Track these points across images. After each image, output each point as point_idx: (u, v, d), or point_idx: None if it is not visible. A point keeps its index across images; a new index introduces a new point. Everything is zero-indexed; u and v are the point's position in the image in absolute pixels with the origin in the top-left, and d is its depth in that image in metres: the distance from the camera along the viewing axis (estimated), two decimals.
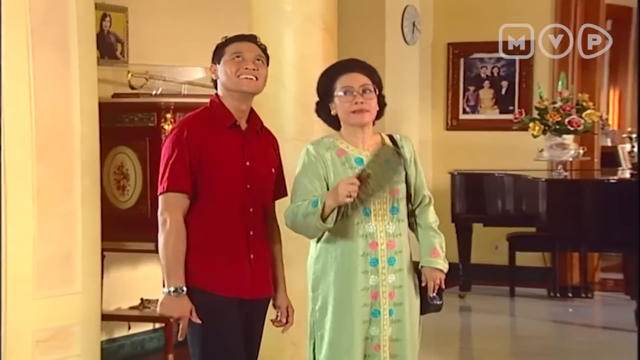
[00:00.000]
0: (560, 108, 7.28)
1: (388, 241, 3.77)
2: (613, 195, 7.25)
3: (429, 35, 8.92)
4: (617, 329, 7.37)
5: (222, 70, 3.64)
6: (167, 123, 6.19)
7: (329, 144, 3.81)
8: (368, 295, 3.74)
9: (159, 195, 3.58)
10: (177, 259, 3.49)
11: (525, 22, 8.07)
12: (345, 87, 3.79)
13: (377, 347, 3.77)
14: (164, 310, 3.53)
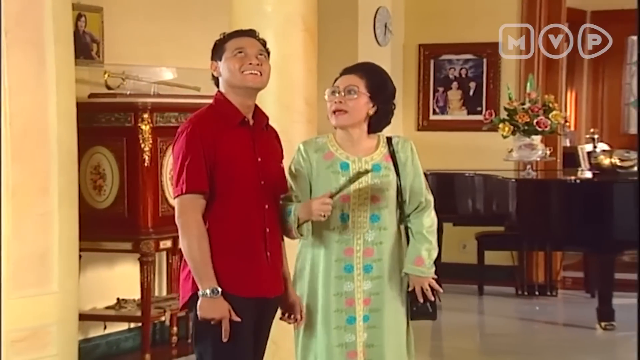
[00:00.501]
0: (529, 109, 7.27)
1: (365, 249, 3.71)
2: (578, 195, 7.28)
3: (400, 36, 8.93)
4: (581, 326, 7.41)
5: (224, 67, 3.54)
6: (144, 123, 6.14)
7: (320, 145, 3.76)
8: (342, 301, 3.68)
9: (175, 197, 3.47)
10: (205, 260, 3.38)
11: (493, 24, 8.07)
12: (332, 88, 3.75)
13: (352, 353, 3.70)
14: (204, 313, 3.37)
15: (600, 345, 7.04)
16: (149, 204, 6.16)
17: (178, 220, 3.46)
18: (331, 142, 3.77)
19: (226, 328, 3.35)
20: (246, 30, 3.67)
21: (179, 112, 6.34)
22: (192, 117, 3.58)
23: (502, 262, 8.68)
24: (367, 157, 3.75)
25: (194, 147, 3.41)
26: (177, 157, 3.46)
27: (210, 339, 3.41)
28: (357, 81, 3.73)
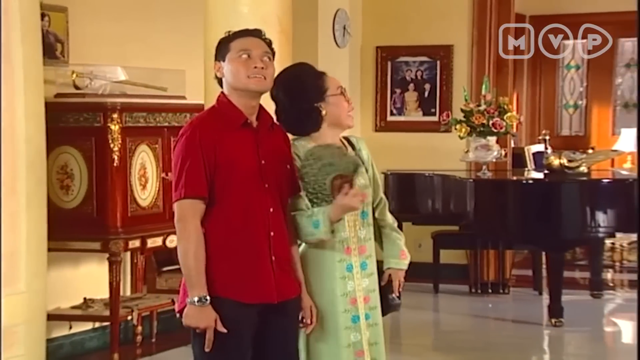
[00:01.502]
0: (485, 111, 7.20)
1: (359, 246, 3.62)
2: (531, 195, 7.28)
3: (358, 38, 8.87)
4: (532, 323, 7.41)
5: (228, 68, 3.34)
6: (113, 123, 6.00)
7: (303, 147, 3.57)
8: (347, 301, 3.57)
9: (174, 202, 3.30)
10: (199, 268, 3.22)
11: (446, 27, 8.00)
12: (339, 87, 3.62)
13: (360, 352, 3.60)
14: (189, 322, 3.22)
15: (551, 342, 7.04)
16: (118, 204, 6.01)
17: (177, 225, 3.30)
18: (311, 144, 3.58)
19: (210, 338, 3.20)
20: (252, 29, 3.47)
21: (147, 112, 6.22)
22: (194, 120, 3.41)
23: (457, 260, 8.67)
24: None
25: (193, 151, 3.25)
26: (177, 161, 3.30)
27: (200, 345, 3.27)
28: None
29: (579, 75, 11.83)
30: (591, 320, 7.61)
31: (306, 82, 3.60)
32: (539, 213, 7.06)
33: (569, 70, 11.83)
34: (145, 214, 6.15)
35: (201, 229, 3.24)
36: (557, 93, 11.84)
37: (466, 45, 8.60)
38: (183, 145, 3.28)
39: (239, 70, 3.30)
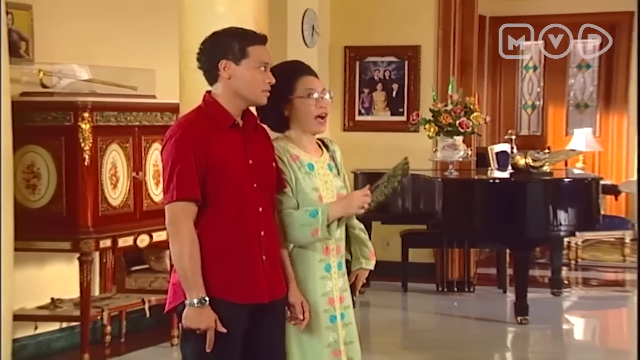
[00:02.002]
0: (452, 111, 7.13)
1: (336, 246, 3.54)
2: (497, 194, 7.22)
3: (326, 38, 8.77)
4: (497, 320, 7.37)
5: (243, 74, 3.24)
6: (84, 122, 5.83)
7: (282, 148, 3.47)
8: (326, 301, 3.50)
9: (166, 204, 3.19)
10: (195, 268, 3.14)
11: (413, 28, 7.93)
12: (309, 90, 3.44)
13: (337, 352, 3.52)
14: (189, 323, 3.15)
15: (517, 339, 7.00)
16: (89, 203, 5.83)
17: (169, 228, 3.20)
18: (290, 145, 3.49)
19: (211, 339, 3.15)
20: (264, 35, 3.36)
21: (118, 111, 6.06)
22: (182, 121, 3.32)
23: (424, 259, 8.62)
24: (321, 158, 3.56)
25: (184, 153, 3.16)
26: (167, 163, 3.20)
27: (194, 346, 3.21)
28: (325, 85, 3.55)
29: (537, 76, 11.84)
30: (553, 318, 7.60)
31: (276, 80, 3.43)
32: (505, 212, 7.02)
33: (528, 71, 11.84)
34: (116, 213, 5.99)
35: (195, 231, 3.16)
36: (516, 93, 11.84)
37: (433, 46, 8.57)
38: (173, 147, 3.18)
39: (257, 82, 3.24)
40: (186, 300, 3.14)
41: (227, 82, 3.25)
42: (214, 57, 3.26)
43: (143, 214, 6.13)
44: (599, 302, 8.31)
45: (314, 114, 3.44)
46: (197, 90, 4.77)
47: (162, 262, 6.67)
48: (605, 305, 8.29)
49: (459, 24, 8.49)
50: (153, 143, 6.22)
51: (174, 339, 6.34)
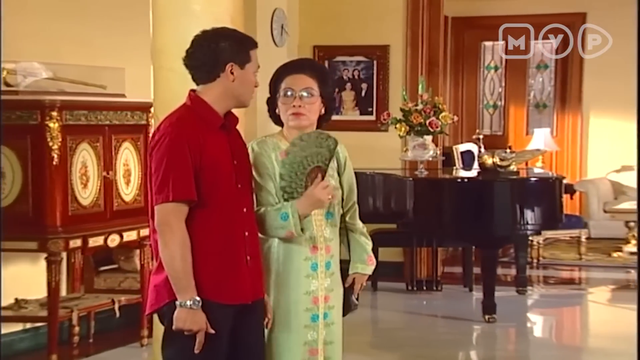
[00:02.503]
0: (422, 110, 7.04)
1: (326, 246, 3.51)
2: (466, 193, 7.16)
3: (295, 37, 8.64)
4: (465, 319, 7.29)
5: (244, 79, 3.21)
6: (52, 121, 5.64)
7: (273, 145, 3.48)
8: (309, 299, 3.47)
9: (158, 204, 3.10)
10: (188, 270, 3.09)
11: (382, 28, 7.83)
12: (286, 89, 3.47)
13: (314, 351, 3.49)
14: (181, 325, 3.09)
15: (484, 337, 6.94)
16: (57, 203, 5.65)
17: (160, 228, 3.11)
18: (282, 142, 3.49)
19: (201, 340, 3.10)
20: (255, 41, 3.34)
21: (88, 110, 5.86)
22: (173, 120, 3.20)
23: (394, 258, 8.52)
24: None
25: (180, 152, 3.09)
26: (160, 163, 3.10)
27: (181, 347, 3.14)
28: (311, 82, 3.48)
29: (498, 77, 11.82)
30: (519, 316, 7.56)
31: (271, 79, 3.54)
32: (474, 211, 6.97)
33: (489, 71, 11.81)
34: (87, 213, 5.80)
35: (187, 232, 3.09)
36: (478, 94, 11.82)
37: (402, 46, 8.49)
38: (168, 147, 3.10)
39: (253, 86, 3.26)
40: (177, 302, 3.08)
41: (228, 83, 3.20)
42: (219, 57, 3.17)
43: (113, 213, 5.96)
44: (560, 300, 8.30)
45: (288, 112, 3.45)
46: (171, 90, 4.68)
47: (131, 262, 6.52)
48: (566, 303, 8.28)
49: (426, 24, 8.43)
50: (123, 142, 6.05)
51: (143, 339, 6.21)
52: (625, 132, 11.23)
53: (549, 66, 11.72)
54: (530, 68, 11.76)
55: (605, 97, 11.28)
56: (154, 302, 3.20)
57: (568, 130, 11.58)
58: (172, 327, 3.10)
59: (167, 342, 3.21)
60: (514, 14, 11.35)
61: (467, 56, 11.60)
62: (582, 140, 11.51)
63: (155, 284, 3.19)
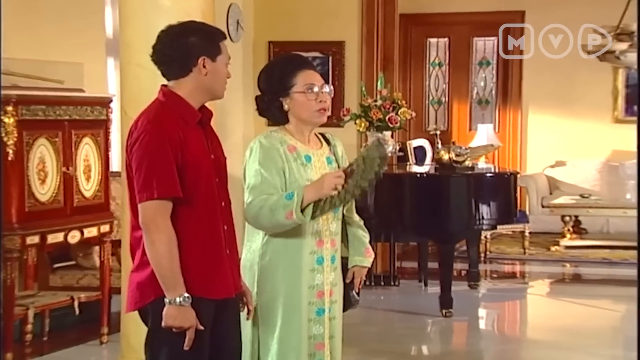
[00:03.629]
0: (382, 106, 7.01)
1: (331, 240, 3.49)
2: (424, 188, 7.17)
3: (250, 33, 8.56)
4: (423, 314, 7.31)
5: (217, 70, 3.15)
6: (7, 116, 5.46)
7: (280, 139, 3.45)
8: (314, 293, 3.46)
9: (142, 202, 3.03)
10: (176, 267, 3.03)
11: (337, 24, 7.79)
12: (309, 85, 3.44)
13: (320, 345, 3.49)
14: (171, 322, 3.03)
15: (443, 331, 6.97)
16: (13, 199, 5.48)
17: (146, 226, 3.04)
18: (287, 136, 3.48)
19: (191, 337, 3.05)
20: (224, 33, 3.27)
21: (46, 105, 5.69)
22: (151, 117, 3.10)
23: None
24: (319, 151, 3.55)
25: (162, 149, 3.02)
26: (142, 160, 3.03)
27: (168, 345, 3.09)
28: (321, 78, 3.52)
29: (442, 73, 11.87)
30: (472, 310, 7.60)
31: (274, 75, 3.48)
32: (433, 206, 6.98)
33: (434, 67, 11.85)
34: (45, 209, 5.64)
35: (173, 229, 3.03)
36: (424, 90, 11.85)
37: (357, 42, 8.45)
38: (149, 144, 3.02)
39: (225, 78, 3.20)
40: (166, 299, 3.02)
41: (201, 77, 3.13)
42: (189, 52, 3.11)
43: (74, 209, 5.80)
44: (508, 294, 8.37)
45: (315, 108, 3.43)
46: (140, 85, 4.60)
47: (90, 259, 6.39)
48: (514, 297, 8.35)
49: (381, 21, 8.41)
50: (84, 137, 5.89)
51: (104, 336, 6.08)
52: (560, 128, 11.45)
53: (491, 63, 11.81)
54: (473, 65, 11.84)
55: (542, 94, 11.44)
56: (137, 299, 3.15)
57: (509, 126, 11.69)
58: (158, 324, 3.04)
59: (153, 340, 3.15)
60: (458, 11, 11.46)
61: (414, 53, 11.62)
62: (522, 136, 11.63)
63: (138, 281, 3.13)
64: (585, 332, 6.70)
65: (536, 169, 11.29)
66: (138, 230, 3.09)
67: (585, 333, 6.67)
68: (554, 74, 11.18)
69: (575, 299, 8.05)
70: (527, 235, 9.83)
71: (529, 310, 8.13)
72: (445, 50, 11.78)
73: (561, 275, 9.22)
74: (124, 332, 4.80)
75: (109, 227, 5.97)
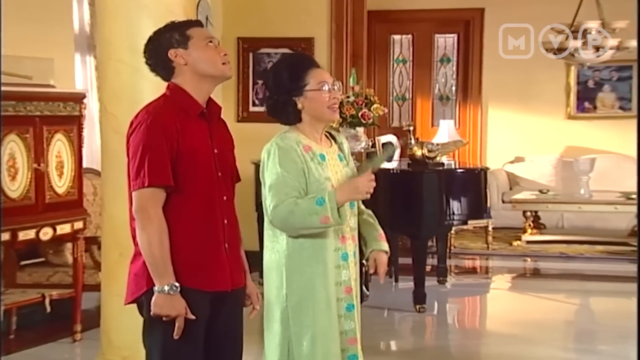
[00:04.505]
0: (354, 102, 6.99)
1: (352, 235, 3.53)
2: (398, 184, 7.16)
3: (219, 29, 8.51)
4: (396, 309, 7.33)
5: (197, 55, 3.17)
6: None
7: (295, 140, 3.45)
8: (342, 289, 3.47)
9: (134, 190, 3.08)
10: (165, 256, 3.07)
11: (307, 20, 7.78)
12: (322, 82, 3.45)
13: (353, 340, 3.50)
14: (159, 311, 3.07)
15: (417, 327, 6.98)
16: None
17: (137, 214, 3.09)
18: (301, 136, 3.48)
19: (180, 325, 3.08)
20: (196, 20, 3.39)
21: (16, 100, 5.58)
22: (150, 109, 3.18)
23: None
24: (330, 149, 3.56)
25: (156, 138, 3.08)
26: (136, 149, 3.09)
27: (161, 334, 3.12)
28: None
29: (406, 70, 11.90)
30: (443, 305, 7.64)
31: (284, 74, 3.47)
32: (407, 202, 6.99)
33: (398, 64, 11.87)
34: (16, 205, 5.54)
35: (164, 218, 3.05)
36: (388, 86, 11.87)
37: (326, 39, 8.45)
38: (144, 133, 3.07)
39: (213, 57, 3.20)
40: (155, 288, 3.06)
41: (185, 68, 3.17)
42: (161, 52, 3.18)
43: (45, 206, 5.71)
44: (475, 289, 8.43)
45: (328, 105, 3.44)
46: (121, 81, 4.55)
47: (61, 256, 6.28)
48: (479, 292, 8.40)
49: (350, 18, 8.43)
50: (56, 133, 5.80)
51: (76, 334, 6.00)
52: (518, 124, 11.56)
53: (451, 60, 11.87)
54: (435, 61, 11.89)
55: (501, 91, 11.55)
56: (133, 290, 3.18)
57: (470, 123, 11.77)
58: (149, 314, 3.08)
59: (148, 330, 3.19)
60: (421, 8, 11.50)
61: (378, 49, 11.64)
62: (482, 132, 11.72)
63: (134, 272, 3.17)
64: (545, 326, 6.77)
65: (496, 164, 11.37)
66: (134, 220, 3.13)
67: (545, 327, 6.75)
68: (512, 71, 11.28)
69: (536, 294, 8.15)
70: (490, 230, 9.90)
71: (494, 305, 8.15)
72: (409, 47, 11.84)
73: (523, 270, 9.33)
74: (104, 329, 4.75)
75: (82, 223, 5.90)
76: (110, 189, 4.69)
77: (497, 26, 10.25)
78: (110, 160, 4.66)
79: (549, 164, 11.26)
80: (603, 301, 8.05)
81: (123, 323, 4.43)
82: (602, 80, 11.45)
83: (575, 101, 11.53)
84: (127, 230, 3.23)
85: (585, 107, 11.51)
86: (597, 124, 11.43)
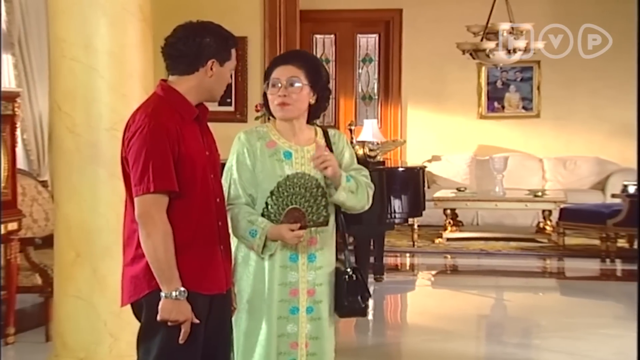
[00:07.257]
0: None
1: (310, 237, 3.43)
2: None
3: None
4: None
5: (224, 75, 3.20)
6: None
7: (262, 134, 3.45)
8: (287, 291, 3.42)
9: (138, 195, 3.02)
10: (171, 261, 3.03)
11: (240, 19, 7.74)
12: (273, 80, 3.45)
13: (294, 344, 3.43)
14: (167, 315, 3.03)
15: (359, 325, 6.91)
16: None
17: (142, 220, 3.03)
18: (272, 132, 3.47)
19: (187, 330, 3.06)
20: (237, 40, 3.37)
21: None
22: (149, 111, 3.09)
23: None
24: (308, 147, 3.49)
25: (160, 143, 3.02)
26: (139, 154, 3.03)
27: (159, 339, 3.08)
28: (297, 72, 3.44)
29: (330, 69, 11.92)
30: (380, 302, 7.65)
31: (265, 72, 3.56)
32: None
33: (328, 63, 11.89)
34: None
35: (168, 222, 3.03)
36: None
37: (259, 38, 8.38)
38: (147, 138, 3.00)
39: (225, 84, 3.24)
40: (162, 293, 3.02)
41: (205, 78, 3.14)
42: (200, 51, 3.12)
43: None
44: (405, 286, 8.51)
45: (275, 102, 3.42)
46: (75, 79, 4.47)
47: None
48: (410, 289, 8.50)
49: (283, 17, 8.40)
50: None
51: (9, 337, 5.82)
52: (435, 123, 11.74)
53: (373, 60, 11.95)
54: (357, 61, 11.95)
55: (419, 91, 11.71)
56: (132, 293, 3.14)
57: (391, 122, 11.88)
58: (152, 318, 3.04)
59: (147, 333, 3.12)
60: (342, 8, 11.55)
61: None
62: (402, 132, 11.84)
63: (132, 275, 3.12)
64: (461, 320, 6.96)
65: (415, 163, 11.50)
66: (133, 224, 3.07)
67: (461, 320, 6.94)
68: (428, 71, 11.44)
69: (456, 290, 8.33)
70: (416, 228, 10.00)
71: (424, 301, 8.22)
72: (331, 47, 11.87)
73: (444, 267, 9.47)
74: (58, 331, 4.60)
75: (17, 224, 5.72)
76: (65, 189, 4.57)
77: (415, 26, 10.37)
78: (64, 159, 4.54)
79: (463, 162, 11.46)
80: (514, 296, 8.24)
81: (79, 324, 4.34)
82: (508, 80, 11.74)
83: (486, 101, 11.76)
84: (82, 231, 3.14)
85: (494, 106, 11.76)
86: (505, 123, 11.75)
